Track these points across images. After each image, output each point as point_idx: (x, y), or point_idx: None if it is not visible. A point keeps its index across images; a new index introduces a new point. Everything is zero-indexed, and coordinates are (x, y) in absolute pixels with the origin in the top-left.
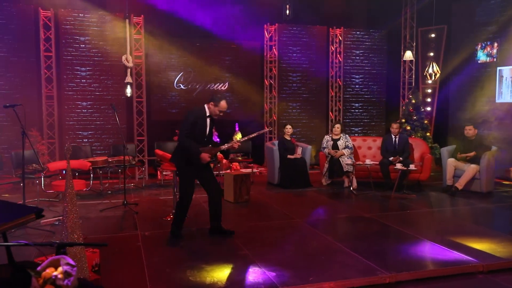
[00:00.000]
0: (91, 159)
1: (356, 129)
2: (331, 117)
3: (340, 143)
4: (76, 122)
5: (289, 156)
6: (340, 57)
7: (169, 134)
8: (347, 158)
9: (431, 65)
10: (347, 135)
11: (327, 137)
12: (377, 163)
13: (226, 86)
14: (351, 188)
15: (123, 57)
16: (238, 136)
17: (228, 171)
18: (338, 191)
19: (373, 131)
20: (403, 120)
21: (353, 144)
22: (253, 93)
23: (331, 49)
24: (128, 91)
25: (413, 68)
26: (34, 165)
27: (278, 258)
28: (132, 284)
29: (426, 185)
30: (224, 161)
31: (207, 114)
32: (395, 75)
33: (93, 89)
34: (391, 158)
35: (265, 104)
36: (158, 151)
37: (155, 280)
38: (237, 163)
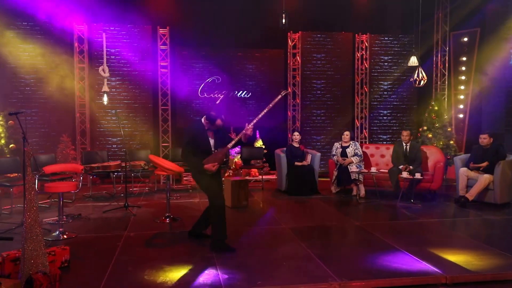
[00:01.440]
0: (105, 164)
1: (384, 137)
2: (356, 124)
3: (349, 151)
4: (106, 129)
5: (296, 163)
6: (366, 63)
7: None
8: (355, 166)
9: (417, 72)
10: (356, 143)
11: (336, 145)
12: (385, 171)
13: (250, 93)
14: (359, 196)
15: (100, 68)
16: (259, 143)
17: (247, 177)
18: (344, 199)
19: None
20: (425, 128)
21: (363, 152)
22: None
23: (357, 55)
24: (105, 99)
25: (446, 73)
26: None
27: (240, 262)
28: (89, 280)
29: (442, 195)
30: (242, 169)
31: (206, 127)
32: (426, 81)
33: (122, 98)
34: (401, 167)
35: (289, 112)
36: (151, 157)
37: (112, 277)
38: (256, 170)
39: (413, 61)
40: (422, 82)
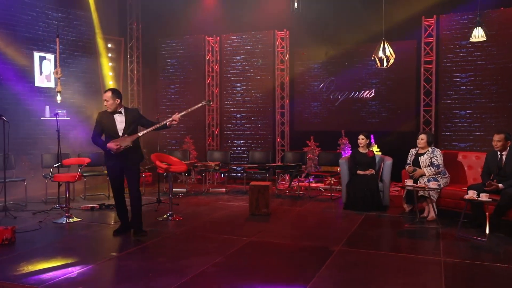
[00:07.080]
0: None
1: None
2: None
3: (423, 159)
4: (232, 132)
5: (358, 172)
6: None
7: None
8: (427, 180)
9: (381, 46)
10: (436, 149)
11: (412, 151)
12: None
13: (373, 93)
14: (418, 218)
15: (53, 71)
16: (374, 148)
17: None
18: (399, 220)
19: None
20: None
21: (458, 163)
22: (406, 100)
23: None
24: (58, 98)
25: None
26: None
27: (122, 265)
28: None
29: None
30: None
31: (110, 110)
32: None
33: (246, 102)
34: (487, 183)
35: (422, 112)
36: (153, 156)
37: (10, 259)
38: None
39: (480, 34)
40: (391, 61)
